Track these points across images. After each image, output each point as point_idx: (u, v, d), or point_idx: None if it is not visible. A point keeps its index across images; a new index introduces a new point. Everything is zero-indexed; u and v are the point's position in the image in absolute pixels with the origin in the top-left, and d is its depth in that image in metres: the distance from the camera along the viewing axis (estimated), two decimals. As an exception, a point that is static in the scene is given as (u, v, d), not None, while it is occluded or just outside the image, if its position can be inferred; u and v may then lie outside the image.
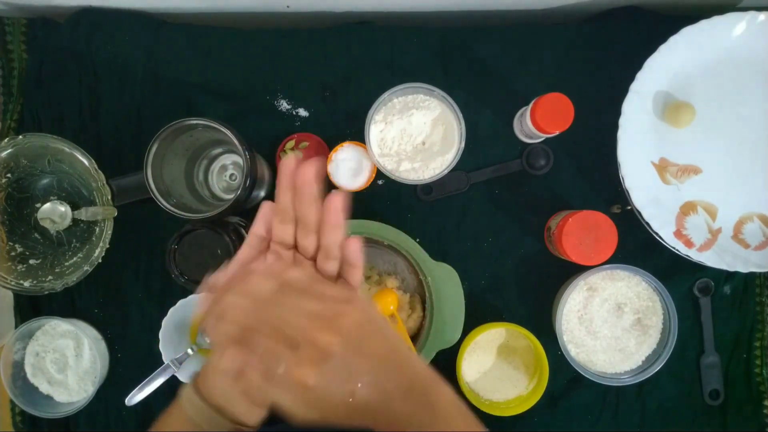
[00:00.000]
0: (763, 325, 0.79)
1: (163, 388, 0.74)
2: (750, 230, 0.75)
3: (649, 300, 0.76)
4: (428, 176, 0.73)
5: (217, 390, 0.44)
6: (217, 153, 0.80)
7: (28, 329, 0.78)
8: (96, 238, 0.74)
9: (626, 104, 0.72)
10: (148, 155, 0.68)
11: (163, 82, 0.80)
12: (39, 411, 0.77)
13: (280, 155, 0.78)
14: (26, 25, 0.80)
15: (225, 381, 0.44)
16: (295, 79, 0.80)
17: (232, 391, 0.44)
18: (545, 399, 0.74)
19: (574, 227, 0.70)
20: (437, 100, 0.74)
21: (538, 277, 0.79)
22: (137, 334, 0.79)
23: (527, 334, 0.74)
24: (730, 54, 0.74)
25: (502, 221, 0.79)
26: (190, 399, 0.45)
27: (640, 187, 0.73)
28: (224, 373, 0.42)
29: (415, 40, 0.80)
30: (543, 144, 0.79)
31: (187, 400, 0.45)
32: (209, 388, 0.45)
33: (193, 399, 0.44)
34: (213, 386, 0.45)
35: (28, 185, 0.76)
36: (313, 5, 0.81)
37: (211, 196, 0.80)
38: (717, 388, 0.79)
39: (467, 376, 0.77)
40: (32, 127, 0.80)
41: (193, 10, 0.82)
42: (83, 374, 0.79)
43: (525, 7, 0.82)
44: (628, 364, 0.76)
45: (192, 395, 0.45)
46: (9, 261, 0.74)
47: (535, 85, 0.79)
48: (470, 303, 0.73)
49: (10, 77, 0.81)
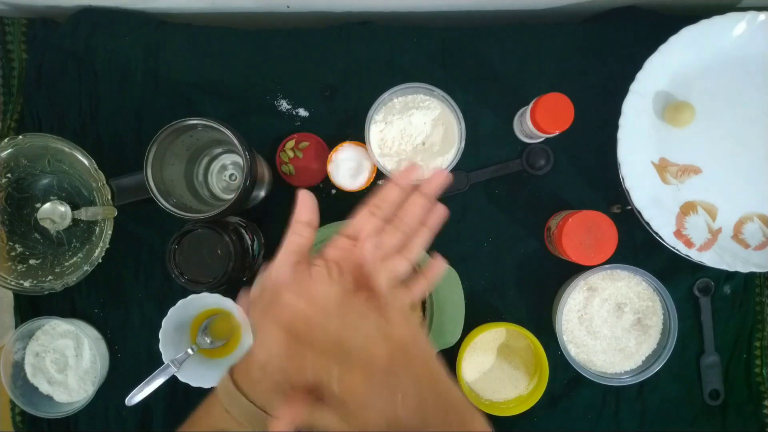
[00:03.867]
0: (763, 325, 0.79)
1: (163, 388, 0.74)
2: (750, 230, 0.75)
3: (649, 300, 0.76)
4: (428, 176, 0.73)
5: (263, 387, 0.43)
6: (217, 153, 0.80)
7: (28, 329, 0.78)
8: (96, 238, 0.74)
9: (626, 104, 0.72)
10: (148, 155, 0.68)
11: (163, 82, 0.80)
12: (39, 411, 0.77)
13: (280, 155, 0.78)
14: (26, 25, 0.80)
15: (275, 376, 0.42)
16: (295, 79, 0.80)
17: (279, 388, 0.42)
18: (545, 399, 0.74)
19: (574, 227, 0.70)
20: (437, 100, 0.74)
21: (538, 277, 0.79)
22: (137, 334, 0.79)
23: (527, 334, 0.74)
24: (730, 54, 0.74)
25: (502, 221, 0.79)
26: (229, 392, 0.43)
27: (640, 187, 0.73)
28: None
29: (415, 40, 0.80)
30: (543, 144, 0.79)
31: (225, 393, 0.44)
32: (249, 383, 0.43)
33: (231, 392, 0.43)
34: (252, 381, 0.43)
35: (28, 185, 0.76)
36: (313, 5, 0.81)
37: (211, 196, 0.80)
38: (717, 388, 0.79)
39: (467, 376, 0.77)
40: (32, 127, 0.80)
41: (193, 10, 0.82)
42: (83, 374, 0.79)
43: (525, 7, 0.82)
44: (628, 364, 0.76)
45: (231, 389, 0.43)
46: (9, 261, 0.74)
47: (535, 85, 0.79)
48: (470, 303, 0.73)
49: (10, 77, 0.81)
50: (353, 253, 0.46)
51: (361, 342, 0.40)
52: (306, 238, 0.46)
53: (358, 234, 0.47)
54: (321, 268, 0.44)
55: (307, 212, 0.47)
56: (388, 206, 0.48)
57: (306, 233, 0.46)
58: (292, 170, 0.78)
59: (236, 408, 0.43)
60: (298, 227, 0.46)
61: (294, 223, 0.46)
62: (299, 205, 0.47)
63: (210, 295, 0.74)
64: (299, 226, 0.46)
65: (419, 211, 0.48)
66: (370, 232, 0.46)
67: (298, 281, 0.43)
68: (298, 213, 0.47)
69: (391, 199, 0.48)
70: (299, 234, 0.46)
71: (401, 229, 0.47)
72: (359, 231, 0.47)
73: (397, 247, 0.46)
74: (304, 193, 0.47)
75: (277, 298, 0.42)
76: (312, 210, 0.47)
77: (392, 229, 0.47)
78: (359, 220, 0.48)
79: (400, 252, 0.46)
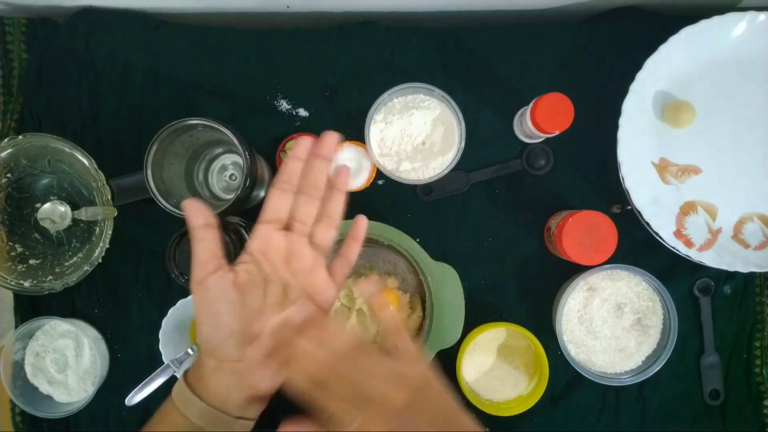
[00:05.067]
0: (763, 325, 0.79)
1: (163, 388, 0.74)
2: (750, 230, 0.75)
3: (649, 300, 0.76)
4: (428, 176, 0.73)
5: (217, 389, 0.44)
6: (217, 153, 0.80)
7: (28, 329, 0.78)
8: (96, 238, 0.74)
9: (626, 104, 0.72)
10: (148, 155, 0.68)
11: (163, 82, 0.80)
12: (39, 411, 0.77)
13: (280, 155, 0.78)
14: (26, 25, 0.80)
15: (226, 379, 0.44)
16: (295, 79, 0.80)
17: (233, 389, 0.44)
18: (545, 399, 0.74)
19: (574, 227, 0.70)
20: (437, 100, 0.74)
21: (538, 277, 0.79)
22: (137, 334, 0.79)
23: (527, 334, 0.74)
24: (730, 54, 0.74)
25: (502, 221, 0.79)
26: (187, 399, 0.44)
27: (640, 187, 0.73)
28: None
29: (415, 40, 0.80)
30: (543, 144, 0.79)
31: (182, 400, 0.45)
32: (206, 387, 0.45)
33: (190, 399, 0.44)
34: (211, 385, 0.45)
35: (28, 185, 0.76)
36: (313, 5, 0.81)
37: (211, 196, 0.80)
38: (717, 388, 0.79)
39: (467, 376, 0.77)
40: (32, 127, 0.80)
41: (193, 10, 0.82)
42: (83, 374, 0.79)
43: (525, 7, 0.82)
44: (628, 364, 0.76)
45: (189, 395, 0.44)
46: (9, 261, 0.74)
47: (535, 85, 0.79)
48: (470, 303, 0.73)
49: (10, 77, 0.81)
50: (275, 240, 0.47)
51: (379, 387, 0.40)
52: (211, 240, 0.46)
53: (276, 216, 0.48)
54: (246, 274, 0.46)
55: (201, 216, 0.46)
56: (295, 179, 0.49)
57: (208, 235, 0.46)
58: (292, 170, 0.78)
59: (191, 410, 0.44)
60: (198, 232, 0.46)
61: (192, 231, 0.46)
62: (187, 214, 0.47)
63: (210, 295, 0.74)
64: (198, 231, 0.46)
65: (324, 175, 0.49)
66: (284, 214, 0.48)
67: (317, 326, 0.44)
68: (191, 220, 0.46)
69: (296, 172, 0.49)
70: (202, 239, 0.46)
71: (315, 196, 0.48)
72: (275, 211, 0.48)
73: (315, 215, 0.48)
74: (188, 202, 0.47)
75: (293, 344, 0.42)
76: (204, 212, 0.47)
77: (306, 198, 0.48)
78: (273, 201, 0.48)
79: (321, 220, 0.48)
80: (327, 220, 0.48)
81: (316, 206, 0.48)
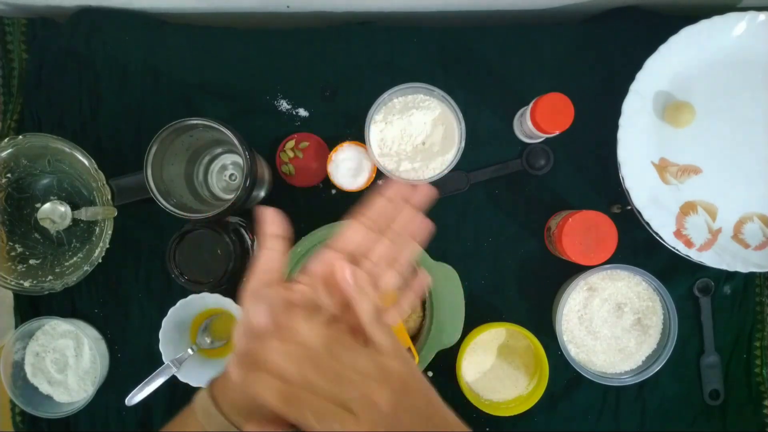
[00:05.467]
0: (763, 325, 0.79)
1: (163, 388, 0.74)
2: (750, 230, 0.75)
3: (649, 300, 0.76)
4: (428, 176, 0.73)
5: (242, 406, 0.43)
6: (217, 153, 0.80)
7: (28, 329, 0.78)
8: (96, 238, 0.74)
9: (626, 104, 0.72)
10: (148, 155, 0.68)
11: (163, 82, 0.80)
12: (39, 411, 0.77)
13: (280, 155, 0.78)
14: (26, 25, 0.80)
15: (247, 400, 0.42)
16: (295, 79, 0.80)
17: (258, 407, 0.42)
18: (545, 399, 0.74)
19: (574, 227, 0.70)
20: (437, 100, 0.74)
21: (538, 277, 0.79)
22: (137, 334, 0.79)
23: (527, 334, 0.74)
24: (730, 54, 0.74)
25: (502, 221, 0.79)
26: (210, 413, 0.43)
27: (640, 187, 0.73)
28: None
29: (415, 40, 0.80)
30: (543, 144, 0.79)
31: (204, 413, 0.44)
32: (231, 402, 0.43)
33: (213, 414, 0.43)
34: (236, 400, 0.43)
35: (28, 185, 0.76)
36: (313, 5, 0.81)
37: (211, 196, 0.80)
38: (717, 388, 0.79)
39: (467, 376, 0.77)
40: (32, 127, 0.79)
41: (193, 10, 0.82)
42: (83, 374, 0.79)
43: (525, 7, 0.82)
44: (628, 364, 0.76)
45: (212, 410, 0.43)
46: (9, 261, 0.74)
47: (535, 85, 0.79)
48: (470, 303, 0.73)
49: (10, 77, 0.81)
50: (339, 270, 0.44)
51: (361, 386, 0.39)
52: (277, 252, 0.45)
53: (348, 247, 0.46)
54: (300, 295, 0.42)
55: (275, 226, 0.45)
56: (381, 220, 0.47)
57: (277, 246, 0.45)
58: (292, 170, 0.78)
59: (210, 423, 0.43)
60: (268, 241, 0.45)
61: (262, 237, 0.45)
62: (265, 221, 0.45)
63: (210, 295, 0.74)
64: (268, 240, 0.45)
65: (410, 222, 0.47)
66: (355, 248, 0.45)
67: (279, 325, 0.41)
68: (265, 227, 0.45)
69: (381, 211, 0.47)
70: (269, 248, 0.45)
71: (397, 242, 0.46)
72: (349, 242, 0.46)
73: (388, 258, 0.45)
74: (268, 209, 0.45)
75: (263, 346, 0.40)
76: (279, 223, 0.45)
77: (388, 243, 0.46)
78: (351, 233, 0.46)
79: (391, 264, 0.45)
80: (398, 267, 0.46)
81: (394, 252, 0.46)
